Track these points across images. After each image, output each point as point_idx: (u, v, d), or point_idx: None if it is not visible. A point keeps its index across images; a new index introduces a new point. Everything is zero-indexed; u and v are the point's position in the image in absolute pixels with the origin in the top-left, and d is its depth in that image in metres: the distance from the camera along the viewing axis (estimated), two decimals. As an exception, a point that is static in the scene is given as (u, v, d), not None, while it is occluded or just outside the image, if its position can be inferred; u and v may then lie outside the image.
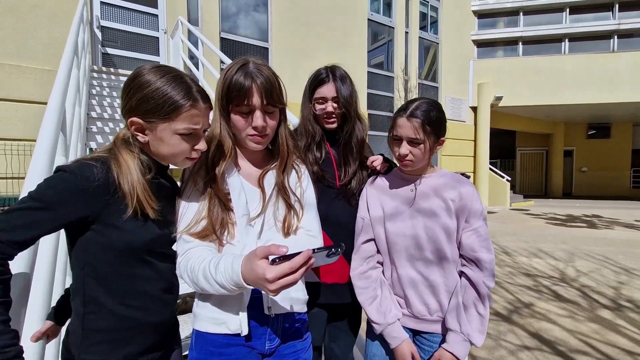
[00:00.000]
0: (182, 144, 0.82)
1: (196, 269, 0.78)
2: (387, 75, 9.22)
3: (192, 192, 0.90)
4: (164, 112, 0.79)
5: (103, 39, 4.84)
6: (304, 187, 1.03)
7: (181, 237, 0.86)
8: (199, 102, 0.82)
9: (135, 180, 0.78)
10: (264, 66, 0.90)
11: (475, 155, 11.42)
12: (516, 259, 5.00)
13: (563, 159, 15.72)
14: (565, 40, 11.64)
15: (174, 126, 0.80)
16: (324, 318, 1.27)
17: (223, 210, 0.88)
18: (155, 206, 0.80)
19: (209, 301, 0.88)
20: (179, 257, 0.85)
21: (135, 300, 0.81)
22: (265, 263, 0.66)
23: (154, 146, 0.83)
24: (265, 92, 0.87)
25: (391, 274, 1.17)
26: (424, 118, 1.05)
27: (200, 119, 0.83)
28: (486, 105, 11.07)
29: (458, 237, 1.10)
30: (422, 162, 1.11)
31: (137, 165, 0.80)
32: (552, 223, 8.29)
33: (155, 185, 0.85)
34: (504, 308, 3.24)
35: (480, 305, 1.05)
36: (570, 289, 3.75)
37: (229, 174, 0.92)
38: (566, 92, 10.88)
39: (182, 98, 0.79)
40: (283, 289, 0.66)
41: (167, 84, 0.79)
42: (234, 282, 0.72)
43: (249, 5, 6.57)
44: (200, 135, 0.85)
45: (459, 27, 10.99)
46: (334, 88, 1.27)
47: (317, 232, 1.00)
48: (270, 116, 0.91)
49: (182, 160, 0.86)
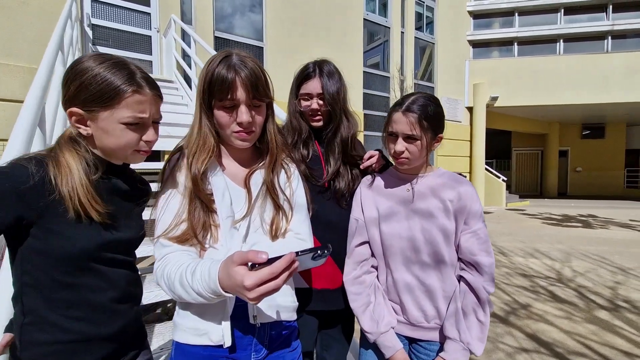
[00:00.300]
0: (128, 135, 0.76)
1: (172, 275, 0.72)
2: (383, 75, 9.20)
3: (171, 193, 0.83)
4: (105, 99, 0.72)
5: (94, 38, 4.75)
6: (293, 187, 0.97)
7: (159, 241, 0.79)
8: (144, 88, 0.76)
9: (77, 181, 0.71)
10: (248, 58, 0.84)
11: (471, 155, 11.44)
12: (513, 260, 4.98)
13: (558, 159, 15.80)
14: (560, 41, 11.71)
15: (117, 114, 0.74)
16: (314, 325, 1.21)
17: (205, 212, 0.82)
18: (102, 209, 0.74)
19: (190, 310, 0.82)
20: (156, 262, 0.79)
21: (80, 312, 0.74)
22: (244, 269, 0.59)
23: (98, 139, 0.77)
24: (251, 85, 0.81)
25: (386, 279, 1.12)
26: (420, 113, 0.99)
27: (146, 107, 0.76)
28: (482, 106, 11.09)
29: (456, 239, 1.04)
30: (418, 160, 1.05)
31: (80, 164, 0.74)
32: (548, 223, 8.31)
33: (106, 186, 0.79)
34: (501, 309, 3.21)
35: (480, 312, 1.00)
36: (567, 289, 3.73)
37: (212, 174, 0.86)
38: (561, 93, 10.93)
39: (124, 83, 0.73)
40: (264, 297, 0.60)
41: (107, 69, 0.73)
42: (211, 290, 0.66)
43: (244, 4, 6.51)
44: (148, 125, 0.79)
45: (454, 28, 11.01)
46: (320, 84, 1.20)
47: (307, 235, 0.94)
48: (256, 111, 0.85)
49: (131, 153, 0.79)
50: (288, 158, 1.00)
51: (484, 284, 1.00)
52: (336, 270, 1.18)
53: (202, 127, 0.85)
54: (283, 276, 0.59)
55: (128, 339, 0.86)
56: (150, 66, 5.25)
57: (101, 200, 0.75)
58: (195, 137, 0.85)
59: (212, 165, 0.86)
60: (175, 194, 0.83)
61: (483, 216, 1.07)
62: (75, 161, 0.74)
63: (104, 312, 0.78)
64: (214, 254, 0.81)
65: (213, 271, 0.65)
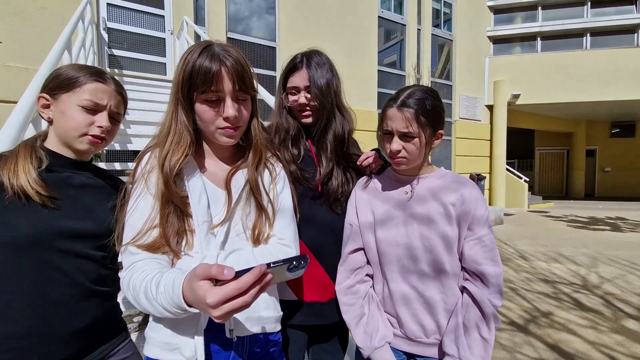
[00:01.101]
0: (81, 115, 0.83)
1: (138, 287, 0.66)
2: (398, 74, 9.03)
3: (141, 194, 0.76)
4: (69, 84, 0.82)
5: (110, 41, 4.87)
6: (278, 189, 0.90)
7: (127, 248, 0.73)
8: (108, 82, 0.86)
9: (20, 168, 0.76)
10: (230, 47, 0.78)
11: (491, 155, 11.06)
12: (534, 264, 4.74)
13: (585, 159, 15.07)
14: (586, 35, 11.16)
15: (77, 96, 0.82)
16: (303, 341, 1.13)
17: (179, 217, 0.76)
18: (44, 191, 0.76)
19: (162, 323, 0.77)
20: (123, 271, 0.73)
21: (35, 306, 0.73)
22: (207, 284, 0.53)
23: (56, 123, 0.84)
24: (237, 76, 0.75)
25: (382, 289, 1.03)
26: (417, 107, 0.90)
27: (105, 96, 0.84)
28: (503, 104, 10.70)
29: (459, 247, 0.95)
30: (417, 159, 0.97)
31: (29, 155, 0.79)
32: (573, 226, 7.91)
33: (59, 178, 0.83)
34: (520, 317, 3.04)
35: (484, 328, 0.90)
36: (592, 296, 3.50)
37: (189, 174, 0.79)
38: (588, 89, 10.40)
39: (89, 74, 0.83)
40: (231, 315, 0.53)
41: (80, 66, 0.84)
42: (175, 304, 0.60)
43: (256, 4, 6.52)
44: (102, 112, 0.86)
45: (473, 24, 10.68)
46: (307, 76, 1.09)
47: (291, 241, 0.87)
48: (242, 105, 0.80)
49: (81, 137, 0.84)
50: (274, 157, 0.93)
51: (489, 297, 0.90)
52: (328, 282, 1.10)
53: (178, 124, 0.78)
54: (252, 292, 0.52)
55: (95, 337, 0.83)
56: (164, 68, 5.33)
57: (47, 187, 0.77)
58: (169, 134, 0.79)
59: (189, 165, 0.80)
60: (145, 196, 0.76)
61: (489, 221, 0.96)
62: (24, 153, 0.79)
63: (61, 307, 0.75)
64: (188, 262, 0.75)
65: (177, 284, 0.59)
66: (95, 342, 0.83)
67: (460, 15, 10.26)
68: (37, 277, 0.73)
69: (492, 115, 10.94)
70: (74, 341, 0.77)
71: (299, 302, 1.07)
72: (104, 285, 0.83)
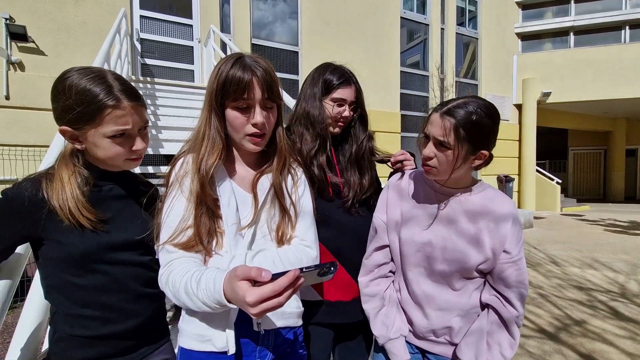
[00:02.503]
0: (115, 147, 0.82)
1: (177, 283, 0.72)
2: (421, 75, 8.90)
3: (176, 197, 0.83)
4: (87, 117, 0.78)
5: (142, 51, 5.15)
6: (299, 193, 0.95)
7: (164, 247, 0.80)
8: (122, 101, 0.79)
9: (68, 194, 0.79)
10: (260, 59, 0.84)
11: (520, 156, 10.63)
12: (566, 270, 4.53)
13: (625, 159, 14.16)
14: (625, 28, 10.50)
15: (101, 130, 0.79)
16: (329, 337, 1.17)
17: (211, 218, 0.82)
18: (93, 217, 0.81)
19: (195, 317, 0.83)
20: (161, 268, 0.80)
21: (93, 311, 0.82)
22: (246, 284, 0.59)
23: (91, 152, 0.84)
24: (266, 86, 0.81)
25: (399, 288, 1.06)
26: (460, 119, 0.85)
27: (128, 119, 0.81)
28: (532, 103, 10.28)
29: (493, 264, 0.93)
30: (445, 173, 0.90)
31: (73, 177, 0.81)
32: (612, 230, 7.45)
33: (103, 193, 0.86)
34: (549, 324, 2.92)
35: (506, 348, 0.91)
36: (632, 305, 3.31)
37: (219, 178, 0.86)
38: (628, 85, 9.78)
39: (102, 100, 0.77)
40: (266, 313, 0.58)
41: (85, 87, 0.77)
42: (215, 300, 0.66)
43: (279, 10, 6.66)
44: (134, 135, 0.84)
45: (500, 21, 10.35)
46: (355, 92, 1.19)
47: (312, 242, 0.92)
48: (269, 112, 0.85)
49: (122, 162, 0.85)
50: (295, 162, 0.99)
51: (517, 320, 0.91)
52: (350, 281, 1.14)
53: (211, 130, 0.85)
54: (286, 294, 0.58)
55: (144, 337, 0.90)
56: (192, 75, 5.56)
57: (94, 208, 0.82)
58: (204, 139, 0.85)
59: (219, 170, 0.86)
60: (180, 198, 0.83)
61: (523, 240, 0.94)
62: (68, 175, 0.81)
63: (114, 311, 0.83)
64: (218, 261, 0.81)
65: (218, 282, 0.65)
66: (140, 343, 0.89)
67: (486, 12, 9.97)
68: (93, 285, 0.82)
69: (521, 115, 10.53)
70: (123, 340, 0.85)
71: (323, 302, 1.12)
72: (153, 286, 0.88)
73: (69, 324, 0.81)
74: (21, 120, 4.29)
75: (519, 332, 0.92)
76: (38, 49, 4.43)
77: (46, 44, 4.47)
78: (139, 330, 0.88)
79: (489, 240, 0.91)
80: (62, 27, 4.55)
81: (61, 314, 0.82)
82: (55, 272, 0.81)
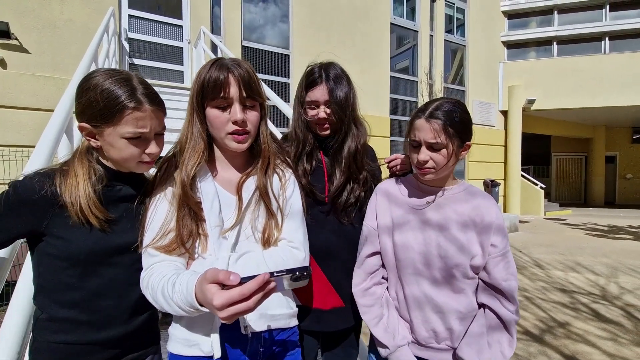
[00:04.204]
0: (130, 149, 0.81)
1: (155, 286, 0.72)
2: (410, 80, 9.03)
3: (159, 200, 0.83)
4: (107, 116, 0.78)
5: (130, 50, 5.06)
6: (288, 193, 0.94)
7: (146, 250, 0.80)
8: (144, 104, 0.80)
9: (80, 190, 0.78)
10: (241, 60, 0.85)
11: (505, 161, 10.88)
12: (550, 273, 4.64)
13: (605, 165, 14.65)
14: (605, 39, 10.92)
15: (119, 130, 0.79)
16: (313, 344, 1.15)
17: (193, 221, 0.81)
18: (102, 216, 0.80)
19: (181, 321, 0.82)
20: (142, 272, 0.79)
21: (84, 315, 0.79)
22: (215, 287, 0.58)
23: (106, 151, 0.83)
24: (244, 83, 0.81)
25: (397, 293, 1.06)
26: (445, 119, 0.92)
27: (147, 122, 0.81)
28: (517, 109, 10.55)
29: (483, 260, 0.97)
30: (444, 170, 0.97)
31: (87, 175, 0.81)
32: (592, 234, 7.69)
33: (114, 193, 0.85)
34: (534, 326, 2.99)
35: (505, 346, 0.94)
36: (612, 307, 3.41)
37: (202, 180, 0.85)
38: (607, 94, 10.15)
39: (124, 101, 0.78)
40: (236, 317, 0.58)
41: (109, 87, 0.78)
42: (189, 304, 0.65)
43: (271, 13, 6.66)
44: (150, 139, 0.84)
45: (487, 29, 10.61)
46: (327, 91, 1.11)
47: (301, 244, 0.91)
48: (250, 110, 0.85)
49: (135, 164, 0.84)
50: (283, 163, 0.98)
51: (515, 317, 0.94)
52: (330, 290, 1.12)
53: (193, 132, 0.85)
54: (255, 298, 0.57)
55: (133, 344, 0.88)
56: (181, 76, 5.49)
57: (105, 207, 0.81)
58: (186, 142, 0.85)
59: (203, 171, 0.86)
60: (162, 201, 0.83)
61: (506, 231, 1.00)
62: (82, 172, 0.81)
63: (105, 316, 0.81)
64: (201, 264, 0.81)
65: (190, 285, 0.65)
66: (126, 351, 0.87)
67: (473, 20, 10.21)
68: (89, 288, 0.80)
69: (507, 121, 10.78)
70: (111, 348, 0.83)
71: (304, 308, 1.10)
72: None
73: (52, 329, 0.79)
74: (3, 120, 4.16)
75: (516, 331, 0.95)
76: (21, 47, 4.30)
77: (30, 42, 4.34)
78: (127, 338, 0.85)
79: (474, 227, 0.97)
80: (47, 24, 4.43)
81: (45, 318, 0.79)
82: (49, 271, 0.79)
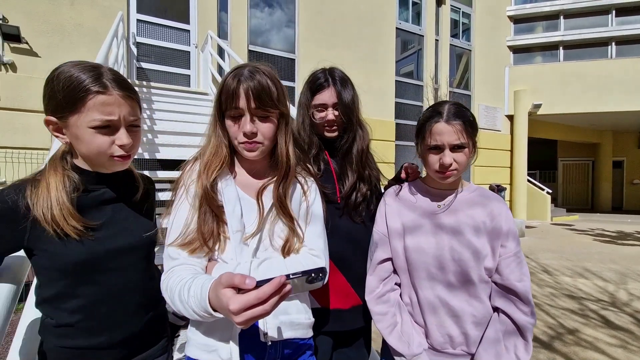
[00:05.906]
0: (98, 139, 0.73)
1: (173, 289, 0.72)
2: (416, 84, 9.03)
3: (181, 202, 0.84)
4: (70, 103, 0.71)
5: (138, 54, 5.12)
6: (310, 200, 0.94)
7: (167, 252, 0.80)
8: (110, 89, 0.73)
9: (53, 201, 0.72)
10: (261, 69, 0.83)
11: (512, 166, 10.81)
12: (558, 279, 4.58)
13: (612, 170, 14.49)
14: (611, 44, 10.86)
15: (85, 118, 0.72)
16: (328, 345, 1.15)
17: (215, 222, 0.81)
18: (80, 225, 0.74)
19: (200, 326, 0.82)
20: (162, 274, 0.79)
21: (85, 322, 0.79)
22: (231, 292, 0.57)
23: (75, 147, 0.76)
24: (254, 95, 0.79)
25: (410, 297, 1.04)
26: (464, 119, 0.96)
27: (114, 109, 0.73)
28: (523, 114, 10.49)
29: (494, 262, 0.97)
30: (464, 169, 1.01)
31: (62, 183, 0.75)
32: (600, 240, 7.58)
33: (95, 198, 0.81)
34: (543, 333, 2.94)
35: (521, 350, 0.92)
36: (622, 314, 3.35)
37: (225, 184, 0.85)
38: (614, 99, 10.08)
39: (87, 85, 0.70)
40: (252, 322, 0.56)
41: (74, 74, 0.71)
42: (202, 308, 0.64)
43: (276, 17, 6.71)
44: (118, 127, 0.75)
45: (493, 33, 10.60)
46: (335, 93, 1.15)
47: (321, 252, 0.90)
48: (262, 121, 0.83)
49: (107, 160, 0.77)
50: (304, 171, 0.97)
51: (531, 321, 0.93)
52: (349, 290, 1.13)
53: (217, 137, 0.86)
54: (272, 301, 0.55)
55: (142, 343, 0.87)
56: (188, 80, 5.54)
57: (84, 214, 0.76)
58: (209, 146, 0.86)
59: (225, 176, 0.86)
60: (184, 203, 0.83)
61: (517, 235, 1.00)
62: (55, 180, 0.74)
63: (106, 321, 0.80)
64: (224, 268, 0.80)
65: (204, 290, 0.64)
66: (132, 352, 0.86)
67: (479, 25, 10.21)
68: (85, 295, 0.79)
69: (513, 126, 10.73)
70: (114, 350, 0.82)
71: (322, 310, 1.10)
72: (149, 295, 0.86)
73: (57, 334, 0.78)
74: (12, 122, 4.22)
75: (532, 335, 0.94)
76: (31, 50, 4.37)
77: (40, 45, 4.42)
78: (134, 339, 0.85)
79: (485, 230, 0.98)
80: (57, 28, 4.51)
81: (49, 324, 0.79)
82: (47, 282, 0.78)
